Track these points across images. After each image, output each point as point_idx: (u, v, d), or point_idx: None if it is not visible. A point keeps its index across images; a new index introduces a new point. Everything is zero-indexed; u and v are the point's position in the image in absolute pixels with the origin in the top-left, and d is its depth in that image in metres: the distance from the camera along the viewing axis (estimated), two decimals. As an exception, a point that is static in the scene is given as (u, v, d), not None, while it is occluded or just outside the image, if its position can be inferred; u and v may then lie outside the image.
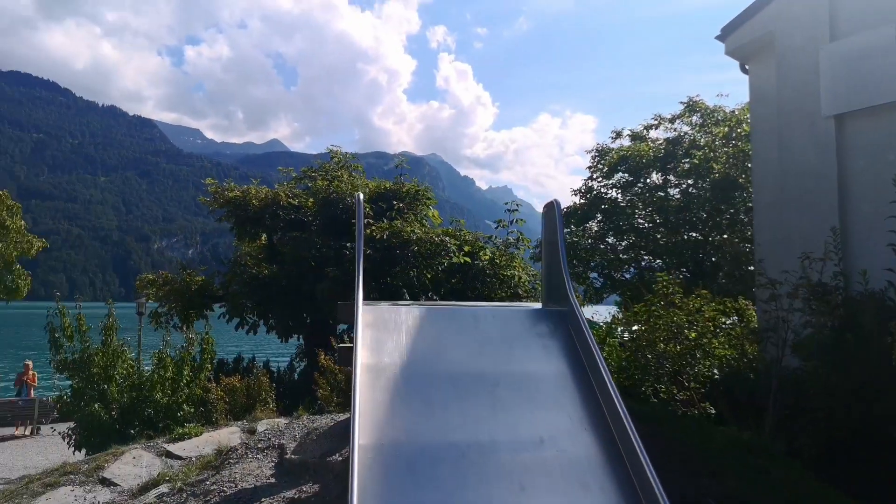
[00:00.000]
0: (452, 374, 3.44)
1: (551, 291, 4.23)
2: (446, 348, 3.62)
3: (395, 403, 3.21)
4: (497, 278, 13.45)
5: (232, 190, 14.22)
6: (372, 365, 3.42)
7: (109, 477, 5.51)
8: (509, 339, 3.74)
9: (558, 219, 4.08)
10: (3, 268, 15.83)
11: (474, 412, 3.18)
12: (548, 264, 4.30)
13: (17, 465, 12.29)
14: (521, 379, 3.44)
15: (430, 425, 3.10)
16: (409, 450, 2.95)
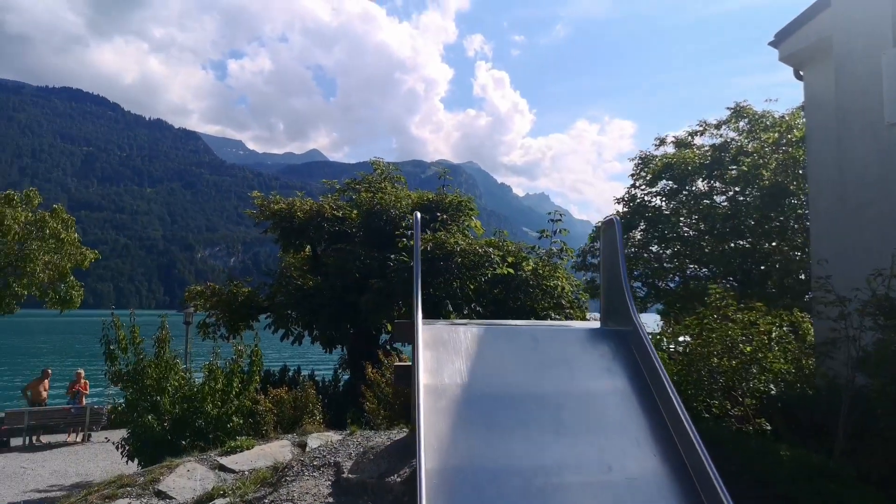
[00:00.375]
0: (514, 396, 3.38)
1: (611, 311, 4.14)
2: (506, 369, 3.57)
3: (458, 427, 3.17)
4: (540, 289, 13.30)
5: (277, 202, 14.41)
6: (432, 386, 3.38)
7: (165, 490, 5.59)
8: (569, 359, 3.66)
9: (618, 236, 3.99)
10: (57, 279, 16.32)
11: (539, 437, 3.12)
12: (607, 283, 4.21)
13: (70, 471, 12.62)
14: (585, 402, 3.36)
15: (495, 450, 3.04)
16: (474, 475, 2.90)
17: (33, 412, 15.94)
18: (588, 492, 2.83)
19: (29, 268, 15.73)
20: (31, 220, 16.03)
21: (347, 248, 12.87)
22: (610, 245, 4.11)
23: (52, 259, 16.20)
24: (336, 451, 4.67)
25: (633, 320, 3.70)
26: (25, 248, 15.89)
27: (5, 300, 15.54)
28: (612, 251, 4.08)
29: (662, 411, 3.26)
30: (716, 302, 8.15)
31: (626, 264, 16.02)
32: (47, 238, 16.14)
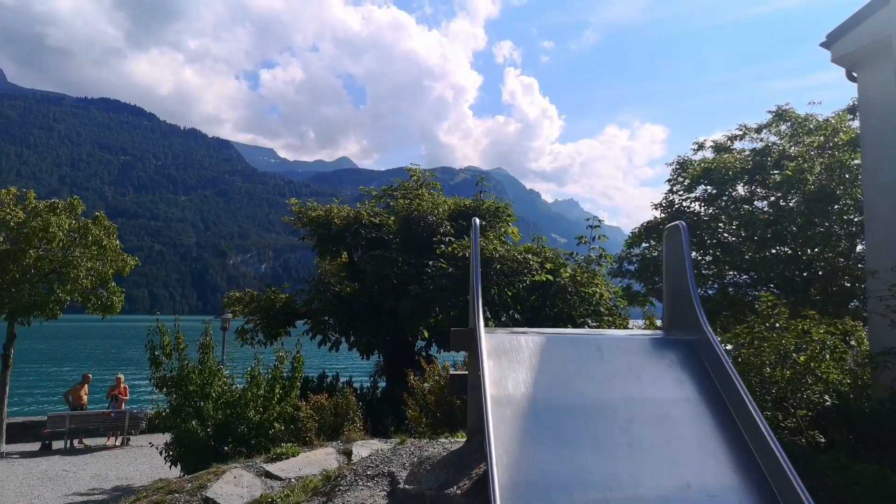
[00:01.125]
0: (582, 407, 3.26)
1: (675, 318, 3.99)
2: (572, 379, 3.45)
3: (526, 439, 3.06)
4: (578, 296, 13.12)
5: (315, 209, 14.48)
6: (496, 396, 3.28)
7: (212, 496, 5.57)
8: (637, 369, 3.53)
9: (685, 243, 3.85)
10: (99, 285, 16.59)
11: (611, 451, 2.99)
12: (672, 290, 4.06)
13: (111, 475, 12.79)
14: (657, 414, 3.23)
15: (565, 463, 2.92)
16: (546, 490, 2.78)
17: (74, 416, 16.23)
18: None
19: (72, 274, 16.01)
20: (75, 228, 16.33)
21: (384, 255, 12.85)
22: (675, 251, 3.97)
23: (95, 265, 16.48)
24: (389, 460, 4.58)
25: (703, 328, 3.56)
26: (69, 254, 16.19)
27: (49, 305, 15.82)
28: (677, 258, 3.94)
29: (739, 425, 3.11)
30: (766, 310, 7.92)
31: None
32: (90, 245, 16.43)
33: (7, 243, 15.42)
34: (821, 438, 6.57)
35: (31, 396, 30.25)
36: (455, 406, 7.53)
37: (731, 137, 20.36)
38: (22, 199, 16.23)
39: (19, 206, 15.88)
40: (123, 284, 18.22)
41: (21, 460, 14.45)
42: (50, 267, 15.84)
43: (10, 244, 15.38)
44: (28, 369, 43.11)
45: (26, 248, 15.27)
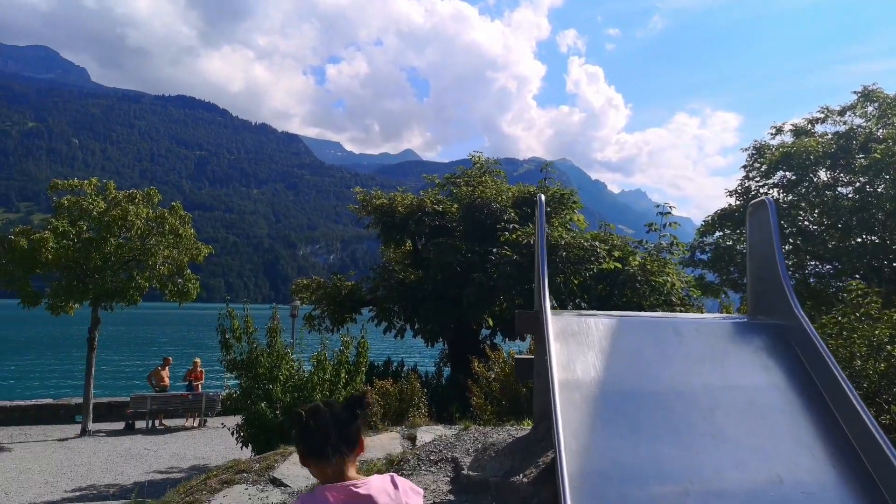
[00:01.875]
0: (658, 393, 3.04)
1: (761, 302, 3.69)
2: (648, 364, 3.22)
3: (596, 426, 2.87)
4: (648, 285, 12.67)
5: (379, 198, 14.54)
6: (563, 381, 3.10)
7: (279, 477, 5.62)
8: (720, 355, 3.27)
9: (772, 219, 3.55)
10: (176, 272, 17.20)
11: (692, 441, 2.77)
12: (757, 272, 3.76)
13: (188, 454, 13.27)
14: (743, 404, 2.97)
15: (641, 454, 2.72)
16: (620, 480, 2.59)
17: (155, 397, 16.96)
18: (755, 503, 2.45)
19: (150, 261, 16.68)
20: (152, 217, 16.98)
21: (448, 243, 12.76)
22: (761, 230, 3.66)
23: (171, 253, 17.10)
24: (452, 446, 4.48)
25: (795, 312, 3.26)
26: (147, 242, 16.86)
27: (129, 292, 16.54)
28: (763, 237, 3.64)
29: (837, 417, 2.82)
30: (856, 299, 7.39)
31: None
32: (166, 233, 17.05)
33: (90, 232, 16.17)
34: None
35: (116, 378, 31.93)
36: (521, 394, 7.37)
37: (812, 121, 19.27)
38: (103, 190, 16.99)
39: (100, 197, 16.64)
40: (200, 273, 18.85)
41: (107, 438, 15.21)
42: (129, 255, 16.53)
43: (92, 233, 16.13)
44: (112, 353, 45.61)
45: (107, 237, 15.98)
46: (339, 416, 1.96)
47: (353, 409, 1.99)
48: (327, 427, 1.93)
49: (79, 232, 15.96)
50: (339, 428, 1.94)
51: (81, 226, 16.18)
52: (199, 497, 5.47)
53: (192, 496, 5.48)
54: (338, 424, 1.95)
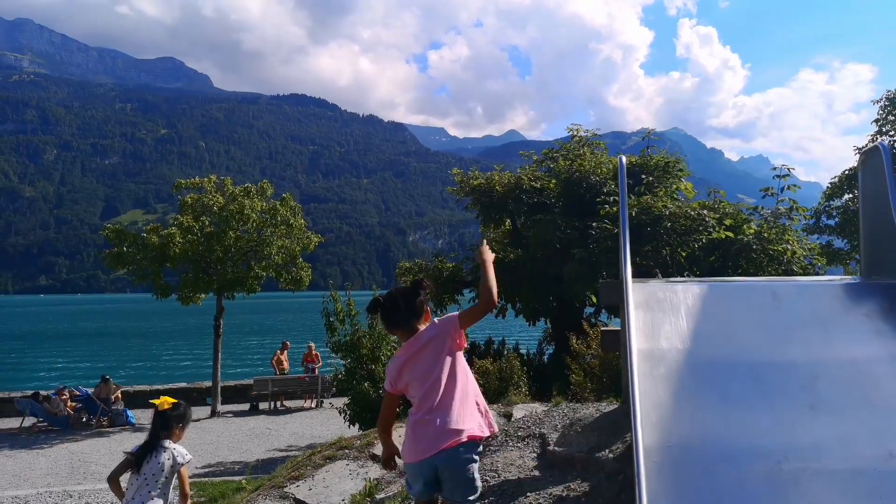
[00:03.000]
0: (751, 363, 2.80)
1: (876, 260, 3.31)
2: (740, 332, 2.98)
3: (681, 397, 2.68)
4: (766, 254, 11.80)
5: (476, 178, 14.48)
6: (647, 351, 2.92)
7: (377, 453, 5.78)
8: (825, 320, 2.96)
9: (887, 167, 3.15)
10: (289, 261, 18.08)
11: (788, 412, 2.52)
12: (870, 226, 3.37)
13: (306, 433, 13.99)
14: (850, 371, 2.68)
15: (730, 426, 2.51)
16: (704, 455, 2.41)
17: (276, 380, 18.01)
18: (862, 482, 2.20)
19: (266, 251, 17.65)
20: (266, 209, 17.93)
21: (547, 219, 12.50)
22: (874, 179, 3.27)
23: (284, 243, 18.00)
24: (541, 422, 4.39)
25: (915, 270, 2.89)
26: (262, 234, 17.85)
27: (249, 281, 17.61)
28: (876, 187, 3.25)
29: (965, 386, 2.47)
30: None
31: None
32: (279, 224, 17.96)
33: (212, 226, 17.33)
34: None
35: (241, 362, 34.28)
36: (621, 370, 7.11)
37: (962, 61, 17.10)
38: (221, 186, 18.13)
39: (219, 193, 17.76)
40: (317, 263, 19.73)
41: (233, 419, 16.35)
42: (247, 246, 17.56)
43: (213, 227, 17.27)
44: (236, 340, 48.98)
45: (227, 230, 17.05)
46: (406, 295, 2.88)
47: (416, 290, 2.90)
48: (397, 303, 2.84)
49: (202, 227, 17.14)
50: (407, 304, 2.83)
51: (204, 221, 17.37)
52: (305, 472, 5.73)
53: (298, 471, 5.75)
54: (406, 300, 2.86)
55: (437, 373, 2.70)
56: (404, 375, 2.80)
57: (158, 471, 3.90)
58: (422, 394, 2.75)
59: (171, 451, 3.94)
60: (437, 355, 2.72)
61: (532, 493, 3.28)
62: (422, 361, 2.73)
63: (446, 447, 2.62)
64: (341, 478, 5.40)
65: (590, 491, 3.19)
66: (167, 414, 4.04)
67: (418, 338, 2.76)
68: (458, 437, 2.64)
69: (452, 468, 2.64)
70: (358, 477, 5.23)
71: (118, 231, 17.20)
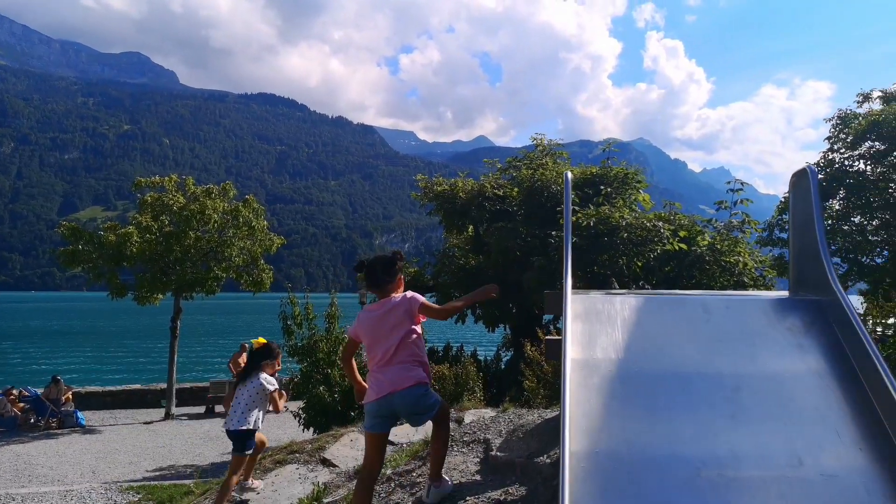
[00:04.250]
0: (680, 374, 2.93)
1: (803, 277, 3.48)
2: (671, 344, 3.11)
3: (612, 406, 2.79)
4: (718, 265, 12.17)
5: (441, 184, 14.59)
6: (583, 360, 3.03)
7: (329, 458, 5.80)
8: (751, 334, 3.11)
9: (813, 189, 3.32)
10: (250, 263, 17.91)
11: (710, 422, 2.65)
12: (798, 244, 3.55)
13: (262, 437, 13.86)
14: (770, 384, 2.82)
15: (655, 434, 2.63)
16: (629, 461, 2.52)
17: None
18: (772, 488, 2.33)
19: (227, 253, 17.47)
20: (228, 210, 17.74)
21: (508, 227, 12.67)
22: (803, 200, 3.45)
23: (246, 245, 17.83)
24: (487, 427, 4.48)
25: (833, 287, 3.06)
26: (224, 235, 17.65)
27: (209, 282, 17.39)
28: (804, 207, 3.42)
29: (873, 400, 2.64)
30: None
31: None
32: (241, 226, 17.79)
33: (171, 226, 17.08)
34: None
35: (199, 365, 33.72)
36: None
37: (907, 85, 17.84)
38: (182, 186, 17.88)
39: (180, 192, 17.51)
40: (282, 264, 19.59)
41: (188, 422, 16.10)
42: (207, 247, 17.36)
43: (173, 227, 17.03)
44: (194, 341, 48.14)
45: (187, 230, 16.83)
46: (384, 262, 3.55)
47: (394, 260, 3.60)
48: (376, 268, 3.53)
49: (161, 226, 16.89)
50: (384, 268, 3.53)
51: (163, 220, 17.12)
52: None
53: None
54: (383, 266, 3.54)
55: (396, 333, 3.35)
56: (365, 327, 3.48)
57: (253, 392, 5.37)
58: (383, 349, 3.37)
59: (261, 380, 5.28)
60: (400, 320, 3.37)
61: (471, 497, 3.36)
62: (384, 321, 3.39)
63: (401, 388, 3.29)
64: (290, 482, 5.41)
65: (527, 495, 3.28)
66: (257, 352, 5.38)
67: (386, 302, 3.44)
68: (410, 381, 3.31)
69: (409, 403, 3.34)
70: (307, 481, 5.25)
71: (73, 228, 16.82)
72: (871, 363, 2.67)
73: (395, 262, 3.58)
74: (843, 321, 2.97)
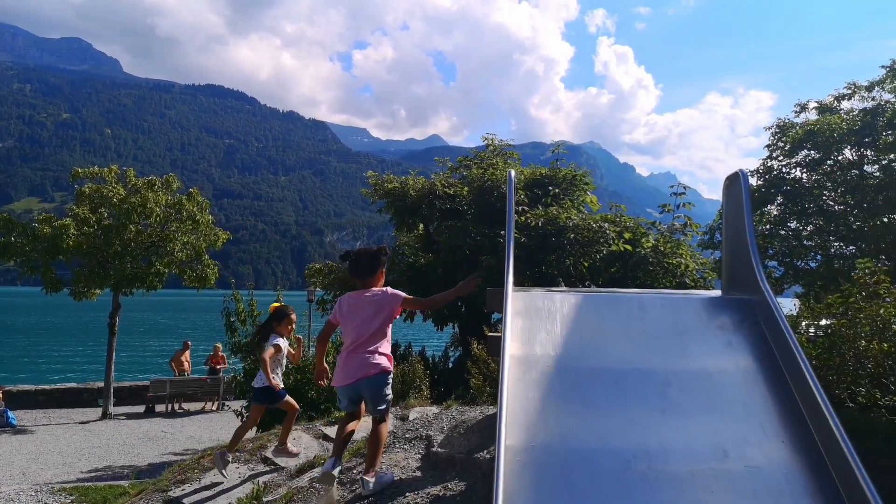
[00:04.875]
0: (614, 370, 3.00)
1: (734, 277, 3.61)
2: (607, 340, 3.18)
3: (548, 401, 2.84)
4: (661, 266, 12.51)
5: (391, 182, 14.52)
6: (522, 357, 3.07)
7: (270, 457, 5.69)
8: (683, 331, 3.21)
9: (744, 192, 3.45)
10: (194, 259, 17.45)
11: (642, 416, 2.72)
12: (730, 246, 3.68)
13: (204, 436, 13.54)
14: (699, 379, 2.92)
15: (589, 428, 2.69)
16: (563, 455, 2.57)
17: (174, 381, 17.32)
18: (698, 480, 2.41)
19: (169, 248, 16.97)
20: (171, 203, 17.23)
21: (458, 225, 12.72)
22: (735, 202, 3.58)
23: (190, 239, 17.36)
24: (430, 424, 4.49)
25: (761, 287, 3.18)
26: (166, 229, 17.15)
27: (150, 278, 16.85)
28: (736, 209, 3.55)
29: (796, 395, 2.75)
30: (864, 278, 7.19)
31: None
32: (185, 220, 17.30)
33: (110, 219, 16.50)
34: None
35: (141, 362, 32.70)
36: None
37: (839, 97, 18.69)
38: (123, 178, 17.29)
39: (121, 184, 16.93)
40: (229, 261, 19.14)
41: (126, 421, 15.59)
42: (149, 241, 16.83)
43: (112, 220, 16.45)
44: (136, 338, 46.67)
45: (127, 224, 16.28)
46: (368, 256, 3.84)
47: (377, 254, 3.88)
48: (360, 260, 3.83)
49: (99, 219, 16.29)
50: (367, 261, 3.83)
51: (102, 213, 16.52)
52: (192, 475, 5.57)
53: (184, 474, 5.59)
54: (367, 259, 3.84)
55: (370, 325, 3.70)
56: (344, 312, 3.81)
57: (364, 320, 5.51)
58: (354, 336, 3.71)
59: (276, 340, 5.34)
60: (376, 313, 3.74)
61: (411, 493, 3.36)
62: (361, 311, 3.74)
63: (367, 376, 3.65)
64: (229, 481, 5.29)
65: (465, 490, 3.30)
66: (271, 315, 5.50)
67: (366, 293, 3.80)
68: (374, 369, 3.68)
69: (371, 390, 3.71)
70: (247, 481, 5.15)
71: (5, 220, 16.06)
72: (795, 360, 2.79)
73: (379, 257, 3.90)
74: (771, 320, 3.09)
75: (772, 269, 18.53)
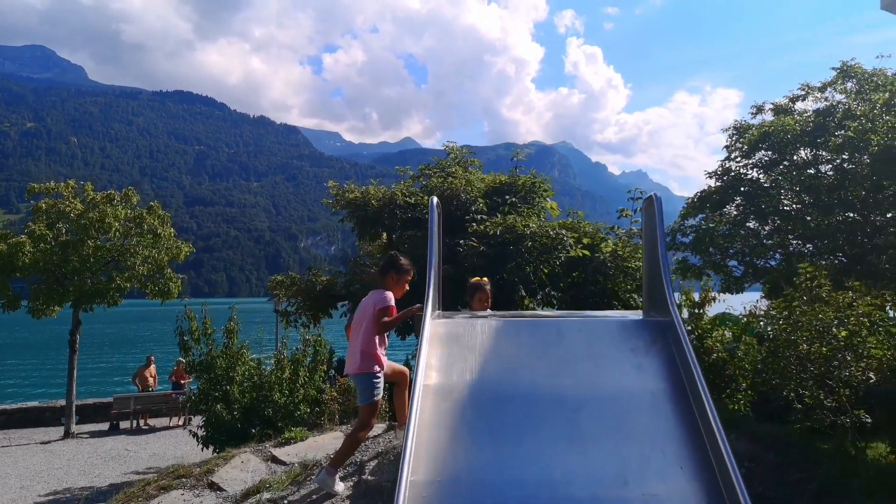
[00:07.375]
0: (528, 395, 3.05)
1: (652, 299, 3.70)
2: (523, 366, 3.24)
3: (461, 431, 2.88)
4: (621, 270, 12.66)
5: (352, 191, 14.44)
6: (438, 385, 3.12)
7: (217, 481, 5.65)
8: (596, 355, 3.28)
9: (658, 216, 3.54)
10: (156, 272, 17.22)
11: (550, 443, 2.78)
12: (648, 268, 3.76)
13: (168, 454, 13.36)
14: (608, 404, 2.99)
15: (498, 458, 2.74)
16: (469, 488, 2.61)
17: (139, 397, 17.06)
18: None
19: (130, 262, 16.72)
20: (131, 217, 16.99)
21: (419, 235, 12.73)
22: (650, 224, 3.66)
23: (151, 253, 17.12)
24: (366, 449, 4.50)
25: (670, 309, 3.27)
26: (126, 243, 16.90)
27: (110, 293, 16.59)
28: (651, 231, 3.64)
29: (697, 418, 2.83)
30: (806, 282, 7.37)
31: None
32: (145, 234, 17.07)
33: (68, 234, 16.21)
34: (867, 418, 6.11)
35: (105, 379, 32.10)
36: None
37: (793, 98, 19.10)
38: (81, 192, 16.99)
39: (78, 199, 16.64)
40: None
41: (90, 440, 15.32)
42: (109, 256, 16.57)
43: (70, 235, 16.16)
44: (99, 354, 45.73)
45: (85, 239, 16.01)
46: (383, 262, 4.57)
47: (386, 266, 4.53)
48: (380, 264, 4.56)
49: (56, 235, 16.00)
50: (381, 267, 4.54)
51: (59, 228, 16.23)
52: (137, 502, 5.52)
53: (129, 503, 5.53)
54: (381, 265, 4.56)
55: (360, 323, 4.15)
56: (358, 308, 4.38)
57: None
58: (353, 331, 4.19)
59: None
60: (364, 313, 4.22)
61: (337, 523, 3.37)
62: (361, 309, 4.32)
63: (351, 372, 4.13)
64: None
65: (391, 519, 3.32)
66: None
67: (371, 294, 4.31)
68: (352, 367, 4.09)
69: (356, 385, 4.16)
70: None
71: (-43, 238, 15.69)
72: (695, 381, 2.87)
73: (389, 266, 4.44)
74: (678, 341, 3.17)
75: (732, 269, 18.89)
